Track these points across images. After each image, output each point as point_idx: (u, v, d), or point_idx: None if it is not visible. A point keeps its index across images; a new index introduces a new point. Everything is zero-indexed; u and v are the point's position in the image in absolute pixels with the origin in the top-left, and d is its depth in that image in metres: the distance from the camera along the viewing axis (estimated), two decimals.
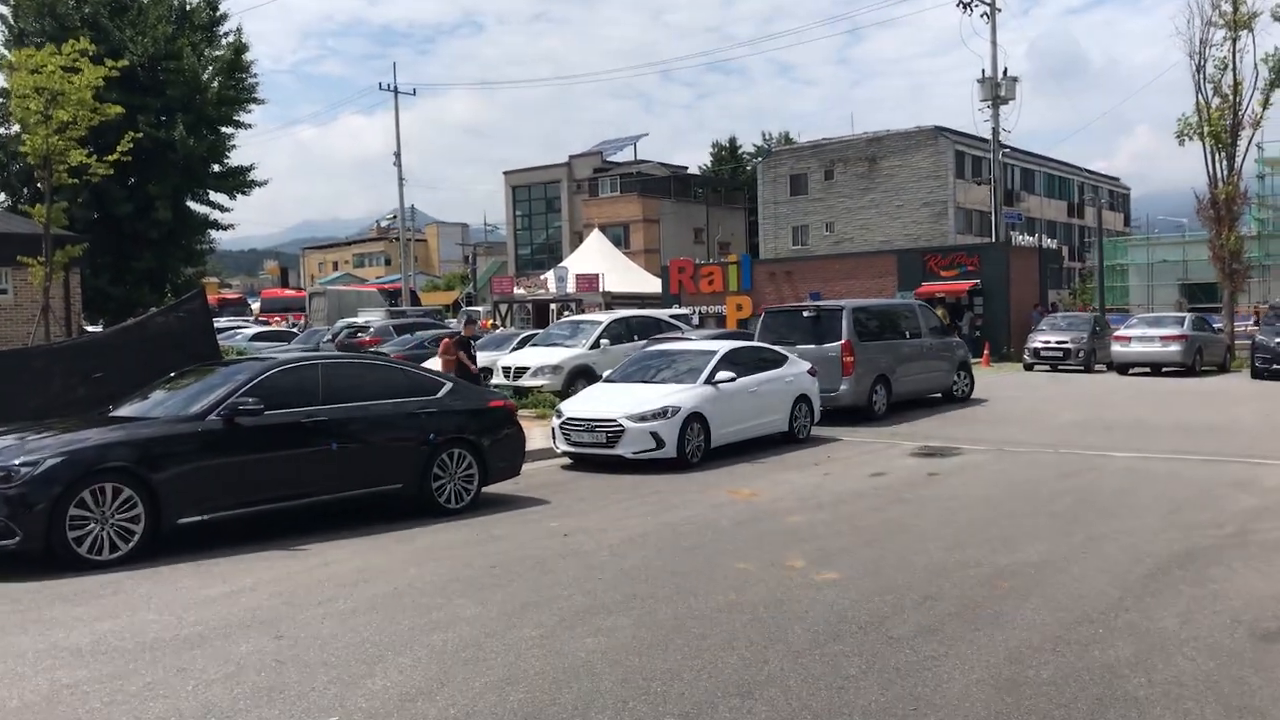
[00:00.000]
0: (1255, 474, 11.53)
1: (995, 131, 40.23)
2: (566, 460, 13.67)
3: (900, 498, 10.56)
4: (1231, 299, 30.32)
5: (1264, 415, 17.21)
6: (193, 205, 33.13)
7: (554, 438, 13.61)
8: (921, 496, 10.57)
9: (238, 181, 33.17)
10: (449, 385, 10.54)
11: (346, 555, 8.23)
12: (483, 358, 23.60)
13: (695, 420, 13.18)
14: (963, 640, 5.61)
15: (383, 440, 9.76)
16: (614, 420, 12.86)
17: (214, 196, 33.60)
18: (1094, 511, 9.56)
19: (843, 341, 17.20)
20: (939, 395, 20.00)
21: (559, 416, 13.55)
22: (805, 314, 17.86)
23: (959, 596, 6.52)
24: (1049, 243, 49.26)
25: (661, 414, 12.86)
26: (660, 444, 12.74)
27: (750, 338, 17.94)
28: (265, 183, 33.45)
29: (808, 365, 15.77)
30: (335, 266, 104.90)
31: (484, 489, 10.57)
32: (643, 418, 12.81)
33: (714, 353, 14.40)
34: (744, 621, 6.04)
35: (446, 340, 19.33)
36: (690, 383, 13.73)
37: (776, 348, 15.80)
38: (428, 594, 6.86)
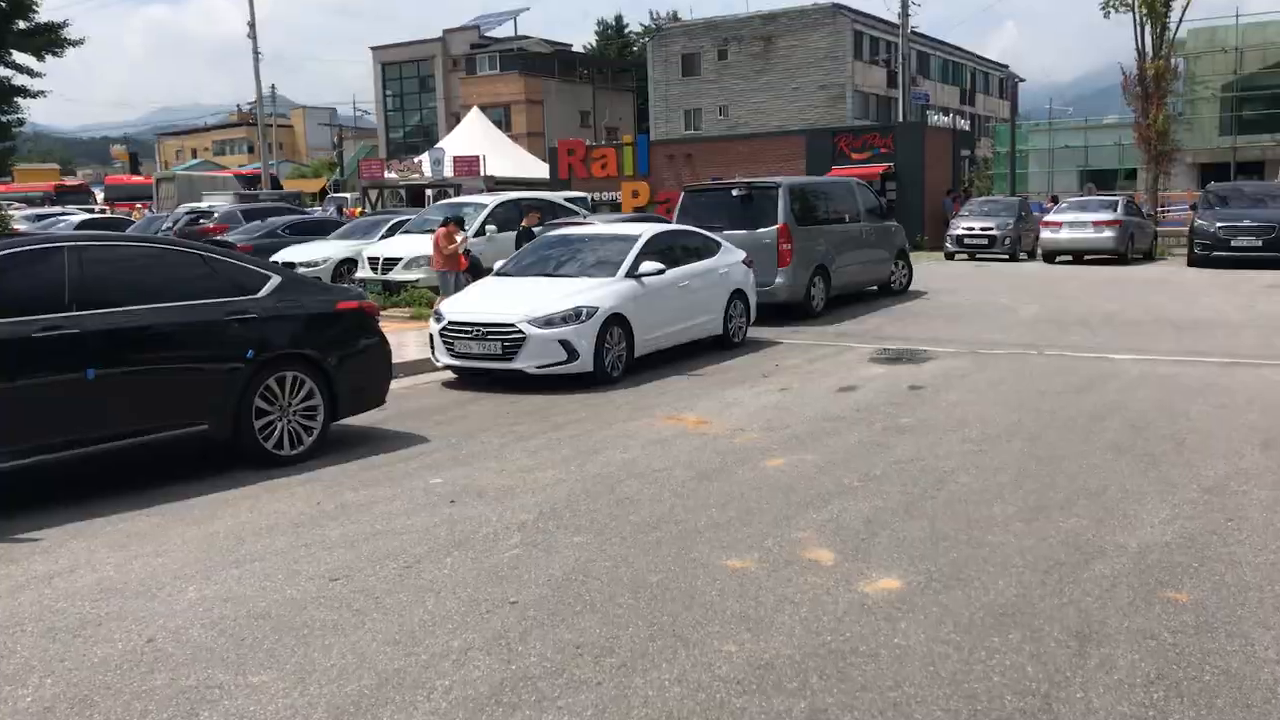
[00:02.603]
0: None
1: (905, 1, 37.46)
2: (450, 375, 10.67)
3: (896, 424, 7.95)
4: (1156, 183, 28.67)
5: (1242, 307, 15.27)
6: None
7: (433, 347, 10.54)
8: (925, 424, 7.97)
9: (47, 40, 27.80)
10: (276, 280, 7.34)
11: (96, 555, 5.12)
12: (345, 246, 20.14)
13: (615, 324, 10.28)
14: None
15: (173, 362, 6.58)
16: (512, 325, 9.85)
17: (18, 58, 28.20)
18: (1165, 442, 7.12)
19: (779, 226, 14.41)
20: (874, 288, 17.55)
21: (439, 320, 10.46)
22: (734, 193, 14.95)
23: (1130, 630, 3.88)
24: (962, 124, 47.27)
25: (573, 316, 9.91)
26: (572, 355, 9.82)
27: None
28: (81, 41, 28.18)
29: (743, 254, 12.97)
30: (194, 154, 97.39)
31: (336, 423, 7.55)
32: (549, 321, 9.84)
33: (635, 238, 11.43)
34: (801, 715, 3.26)
35: (442, 229, 15.06)
36: (606, 276, 10.78)
37: (707, 233, 12.91)
38: (205, 653, 3.87)
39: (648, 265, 10.92)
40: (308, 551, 5.09)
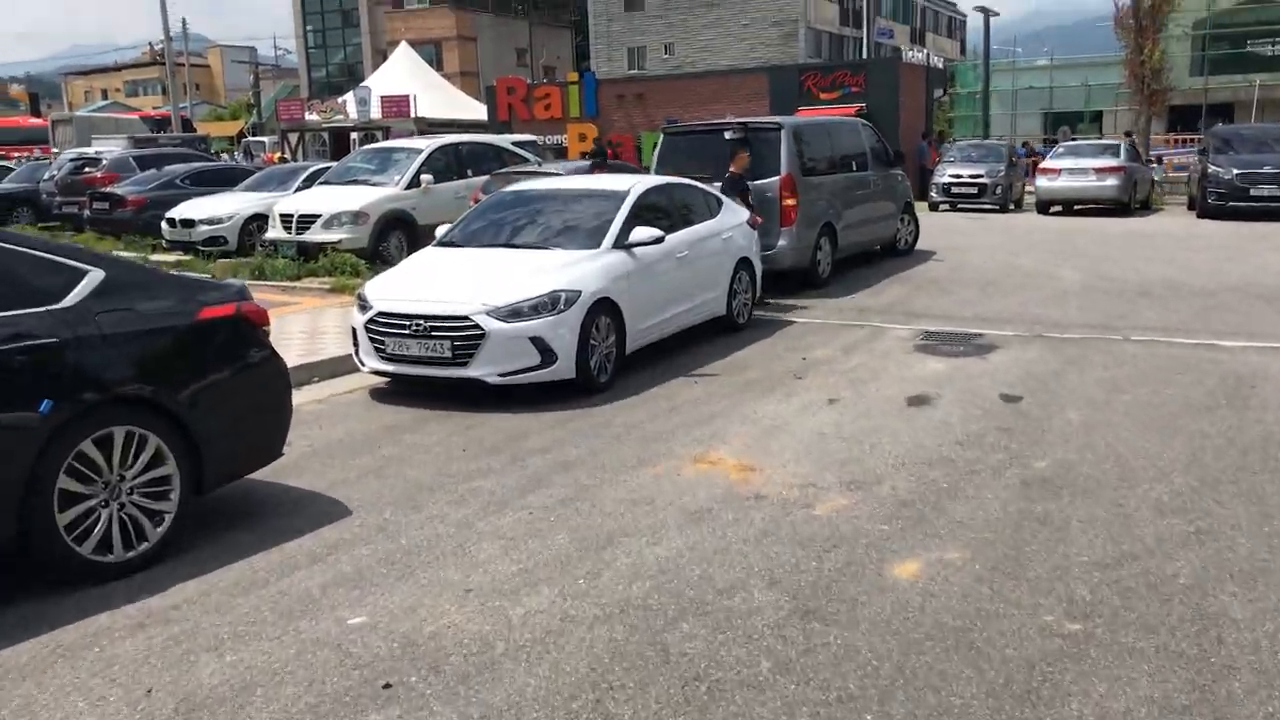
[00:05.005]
0: None
1: None
2: (380, 380, 7.97)
3: (1035, 474, 5.50)
4: (1149, 125, 26.57)
5: None
6: None
7: (356, 345, 7.81)
8: (1073, 472, 5.53)
9: None
10: (95, 276, 4.57)
11: None
12: (255, 199, 17.06)
13: (602, 311, 7.65)
14: None
15: None
16: (465, 318, 7.15)
17: None
18: None
19: (783, 176, 11.84)
20: (876, 248, 15.06)
21: (364, 309, 7.70)
22: (727, 135, 12.24)
23: None
24: (935, 61, 44.55)
25: (549, 305, 7.25)
26: (548, 357, 7.18)
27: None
28: None
29: (746, 214, 10.39)
30: (104, 95, 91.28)
31: (207, 494, 4.85)
32: (516, 312, 7.17)
33: (621, 195, 8.74)
34: None
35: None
36: (586, 248, 8.11)
37: (707, 188, 10.27)
38: None
39: (641, 232, 8.27)
40: None
